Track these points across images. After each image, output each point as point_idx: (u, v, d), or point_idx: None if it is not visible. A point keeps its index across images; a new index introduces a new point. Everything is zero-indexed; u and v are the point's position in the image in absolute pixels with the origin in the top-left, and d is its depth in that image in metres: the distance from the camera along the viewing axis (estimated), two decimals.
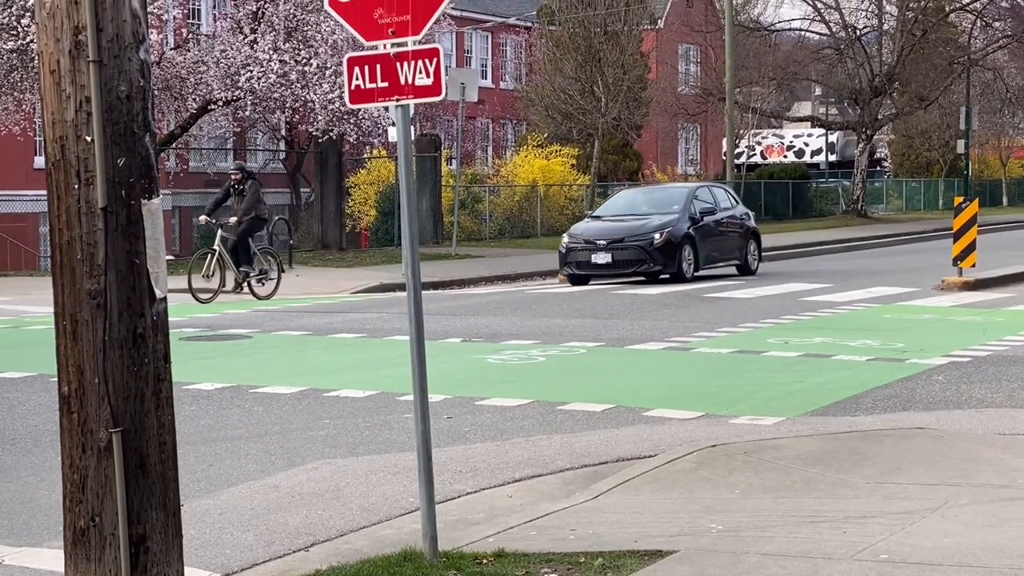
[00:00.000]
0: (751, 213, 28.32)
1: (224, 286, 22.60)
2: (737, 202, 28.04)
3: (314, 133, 33.33)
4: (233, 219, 23.06)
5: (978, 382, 12.59)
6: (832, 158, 71.45)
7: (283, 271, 24.20)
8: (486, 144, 57.74)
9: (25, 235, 36.74)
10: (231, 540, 7.47)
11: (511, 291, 24.40)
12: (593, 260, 24.84)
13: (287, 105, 32.57)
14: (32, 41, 26.74)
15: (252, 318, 19.13)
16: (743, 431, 10.23)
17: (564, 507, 7.79)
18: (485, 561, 6.63)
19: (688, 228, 25.24)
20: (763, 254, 34.03)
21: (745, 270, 26.92)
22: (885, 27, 55.22)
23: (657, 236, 24.66)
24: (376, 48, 6.96)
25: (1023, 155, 78.86)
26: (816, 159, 71.08)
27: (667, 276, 24.78)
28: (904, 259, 32.52)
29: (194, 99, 31.81)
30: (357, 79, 7.03)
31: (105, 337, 4.87)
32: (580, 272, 25.07)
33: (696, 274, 25.27)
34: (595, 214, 27.59)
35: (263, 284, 23.25)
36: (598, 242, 24.95)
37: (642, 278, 24.93)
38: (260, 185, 23.60)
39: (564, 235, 26.34)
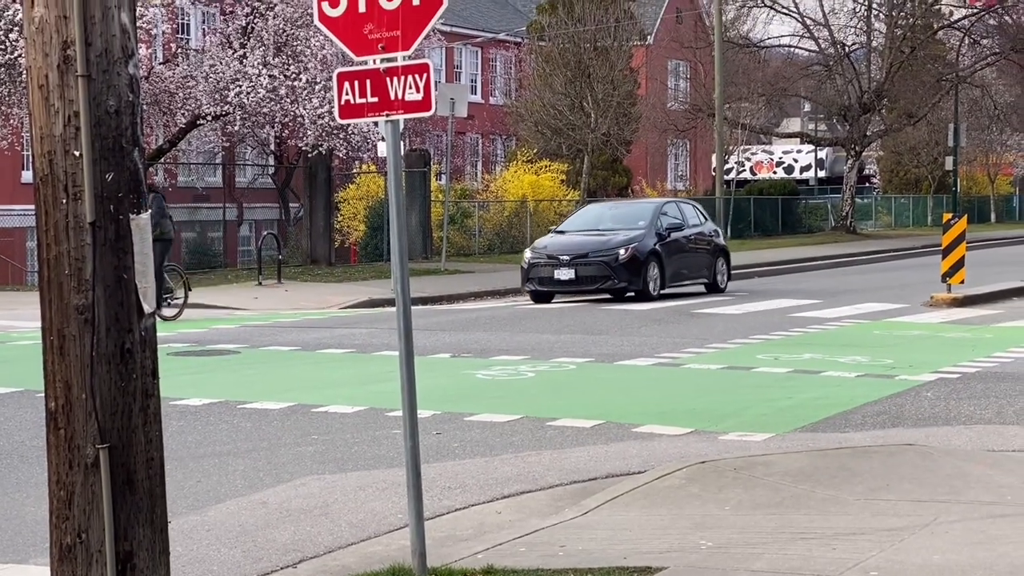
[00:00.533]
0: (720, 230, 27.87)
1: None
2: (706, 219, 27.54)
3: (303, 148, 33.31)
4: None
5: (967, 398, 12.59)
6: (821, 174, 71.60)
7: (189, 290, 22.45)
8: (476, 159, 57.77)
9: (13, 250, 36.66)
10: (218, 557, 7.44)
11: (500, 306, 24.38)
12: (556, 276, 24.25)
13: (276, 120, 32.55)
14: (20, 55, 26.71)
15: (240, 333, 19.09)
16: (733, 447, 10.22)
17: (553, 523, 7.77)
18: None
19: (654, 244, 24.69)
20: (754, 270, 34.11)
21: (713, 288, 26.31)
22: (874, 44, 55.38)
23: (622, 252, 24.15)
24: (366, 63, 6.95)
25: (1011, 172, 79.06)
26: (805, 175, 71.21)
27: (632, 294, 24.28)
28: (893, 275, 32.57)
29: (183, 114, 31.78)
30: (347, 94, 7.03)
31: (93, 352, 4.84)
32: (543, 288, 24.57)
33: (662, 292, 24.65)
34: (559, 229, 27.06)
35: (168, 305, 21.44)
36: (561, 257, 24.35)
37: (607, 295, 24.45)
38: (164, 200, 22.07)
39: (527, 250, 25.80)
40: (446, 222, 35.13)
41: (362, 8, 6.86)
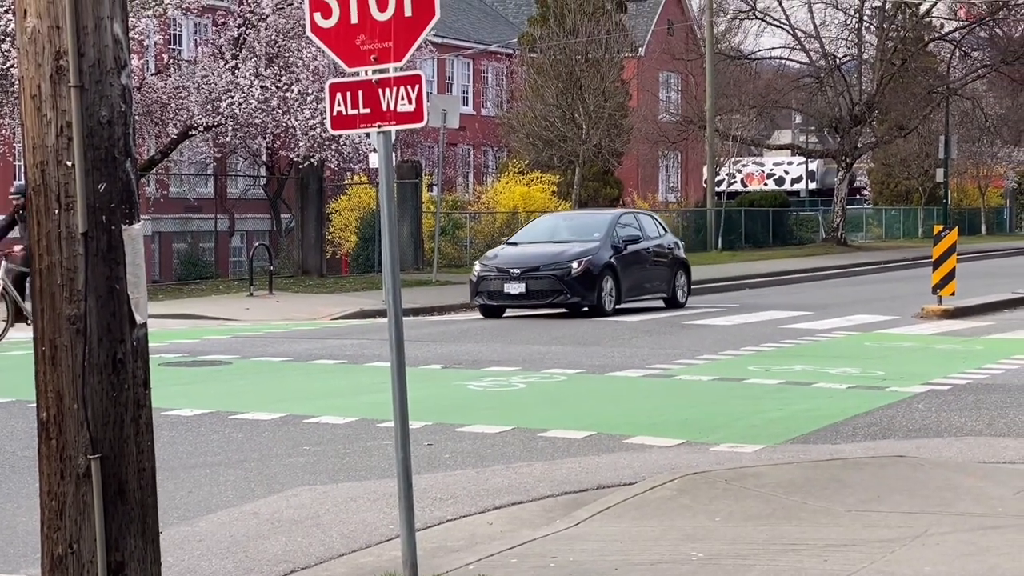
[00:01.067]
0: (680, 242, 26.90)
1: (12, 323, 19.91)
2: (665, 231, 26.67)
3: (295, 159, 33.31)
4: (19, 248, 20.37)
5: (958, 410, 12.61)
6: (812, 186, 71.72)
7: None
8: (467, 171, 57.80)
9: None
10: (210, 567, 7.43)
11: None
12: (506, 290, 23.29)
13: (268, 131, 32.55)
14: (13, 66, 26.70)
15: (232, 344, 19.08)
16: (724, 459, 10.23)
17: (545, 534, 7.77)
18: None
19: (610, 257, 23.68)
20: (745, 282, 34.11)
21: (673, 303, 25.39)
22: (865, 56, 55.50)
23: (575, 265, 23.14)
24: (358, 74, 6.96)
25: (1002, 184, 79.24)
26: (796, 187, 71.34)
27: (585, 309, 23.42)
28: (884, 287, 32.61)
29: (175, 124, 31.78)
30: (339, 105, 7.03)
31: (84, 363, 4.85)
32: (492, 303, 23.64)
33: (618, 307, 23.82)
34: (512, 240, 26.09)
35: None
36: (511, 270, 23.35)
37: (560, 309, 23.69)
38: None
39: (476, 262, 24.86)
40: (437, 233, 35.14)
41: (354, 19, 6.87)
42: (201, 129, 32.09)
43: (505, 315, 23.75)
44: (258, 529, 8.26)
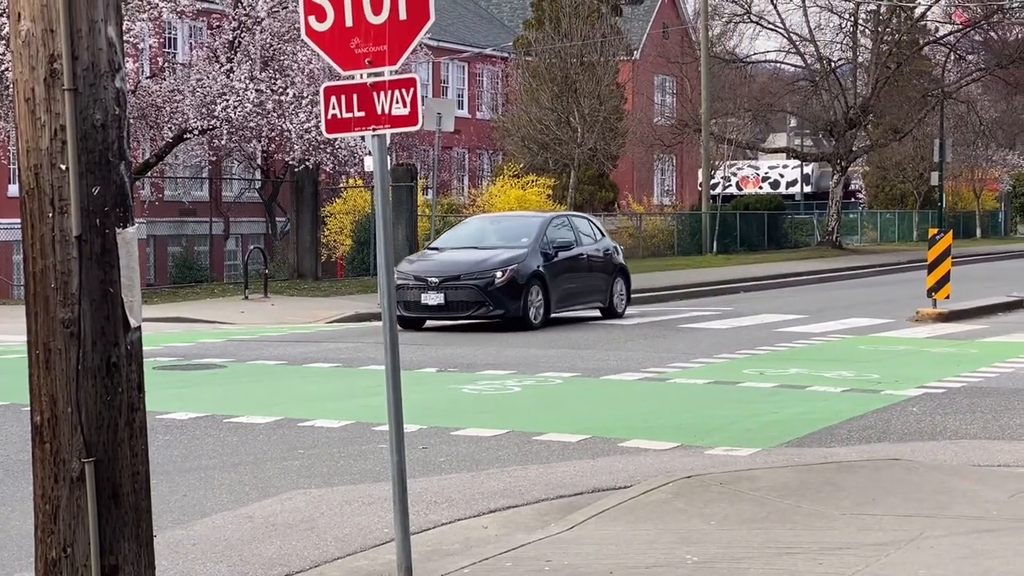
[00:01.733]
0: (620, 247, 25.36)
1: None
2: (603, 235, 25.03)
3: (290, 162, 33.29)
4: None
5: (952, 413, 12.62)
6: (807, 189, 71.78)
7: None
8: (462, 174, 57.80)
9: None
10: (204, 571, 7.42)
11: (486, 321, 24.39)
12: (423, 300, 21.51)
13: (263, 134, 32.53)
14: (7, 69, 26.68)
15: (227, 347, 19.06)
16: (718, 462, 10.23)
17: (539, 538, 7.77)
18: None
19: (538, 265, 22.02)
20: (740, 285, 34.09)
21: (610, 313, 23.81)
22: (860, 60, 55.56)
23: (499, 274, 21.42)
24: (353, 78, 6.96)
25: (996, 187, 79.32)
26: (791, 190, 71.38)
27: (512, 321, 21.71)
28: (879, 290, 32.64)
29: (170, 128, 31.76)
30: (334, 108, 7.03)
31: (78, 366, 4.84)
32: (409, 314, 21.70)
33: (549, 318, 22.22)
34: (434, 245, 24.35)
35: None
36: (430, 279, 21.59)
37: (483, 321, 22.01)
38: None
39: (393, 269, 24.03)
40: (433, 237, 35.11)
41: (349, 22, 6.87)
42: (196, 132, 32.07)
43: (425, 326, 22.17)
44: (253, 533, 8.25)
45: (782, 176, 72.69)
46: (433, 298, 21.47)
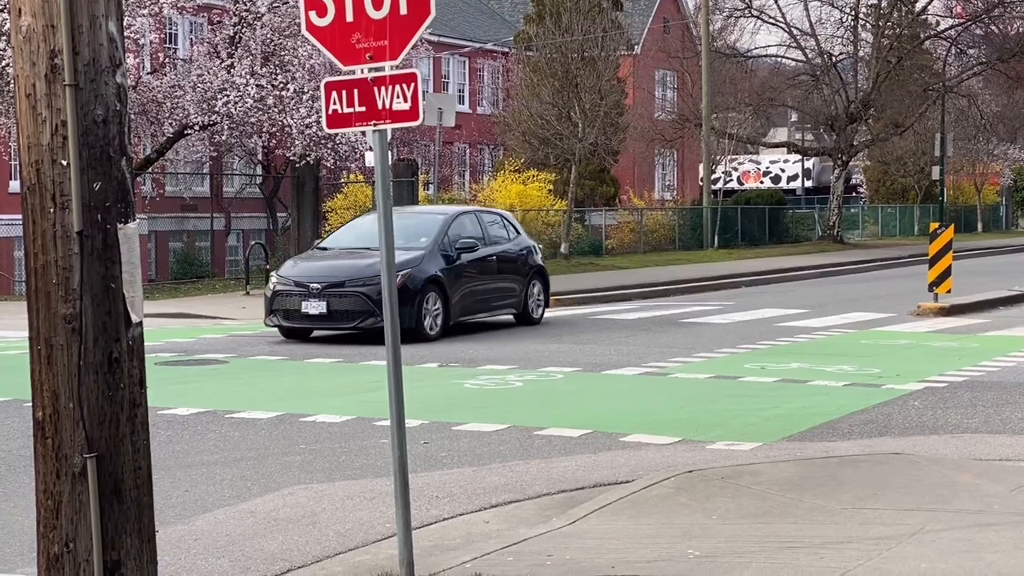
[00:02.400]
0: (537, 247, 23.05)
1: None
2: (518, 232, 22.71)
3: (291, 158, 33.28)
4: None
5: (954, 407, 12.62)
6: (808, 184, 71.72)
7: None
8: (463, 169, 57.78)
9: (0, 260, 36.60)
10: (206, 566, 7.43)
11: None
12: (304, 309, 19.13)
13: (264, 130, 32.51)
14: (8, 64, 26.68)
15: (228, 343, 19.07)
16: (720, 456, 10.24)
17: (541, 532, 7.77)
18: None
19: (438, 269, 19.76)
20: (741, 279, 34.08)
21: (525, 319, 21.81)
22: (860, 54, 55.50)
23: None
24: (354, 73, 6.96)
25: (998, 182, 79.28)
26: (792, 185, 71.33)
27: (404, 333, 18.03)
28: (880, 285, 32.63)
29: (171, 123, 31.75)
30: (334, 104, 7.03)
31: (80, 362, 4.84)
32: (288, 324, 19.45)
33: (450, 326, 19.85)
34: (322, 245, 21.78)
35: None
36: (311, 285, 19.17)
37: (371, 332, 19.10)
38: None
39: (273, 273, 20.74)
40: None
41: (349, 18, 6.87)
42: (197, 128, 32.06)
43: (313, 336, 20.00)
44: (254, 528, 8.26)
45: (783, 171, 72.64)
46: (314, 306, 19.09)
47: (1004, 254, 50.62)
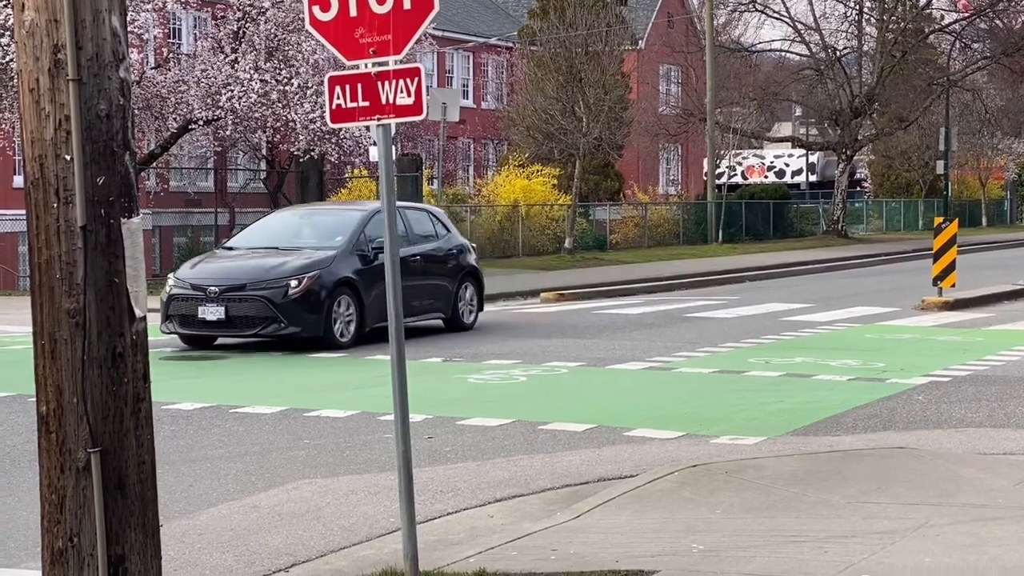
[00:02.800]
0: (471, 245, 21.41)
1: None
2: (448, 231, 20.90)
3: (295, 153, 33.28)
4: None
5: (958, 402, 12.62)
6: (812, 178, 71.66)
7: None
8: (467, 164, 57.77)
9: (4, 254, 36.62)
10: (210, 561, 7.44)
11: (492, 311, 24.36)
12: (201, 315, 17.31)
13: (268, 124, 32.54)
14: (11, 60, 26.69)
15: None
16: (724, 451, 10.23)
17: (545, 527, 7.78)
18: None
19: (351, 271, 18.04)
20: (746, 274, 34.03)
21: (455, 324, 19.99)
22: (865, 48, 55.46)
23: (293, 283, 17.28)
24: (357, 67, 6.95)
25: (1002, 176, 79.18)
26: (797, 179, 71.28)
27: (313, 341, 17.41)
28: (884, 279, 32.61)
29: (175, 118, 31.76)
30: (338, 98, 7.03)
31: (84, 356, 4.84)
32: (184, 331, 17.66)
33: (366, 333, 18.05)
34: (228, 244, 20.03)
35: None
36: (209, 289, 17.39)
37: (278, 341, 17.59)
38: None
39: (170, 275, 18.80)
40: None
41: (353, 12, 6.86)
42: (201, 123, 32.07)
43: (218, 343, 18.22)
44: (259, 522, 8.26)
45: (787, 165, 72.58)
46: (212, 312, 17.29)
47: (1008, 248, 50.58)
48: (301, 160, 33.85)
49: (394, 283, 6.97)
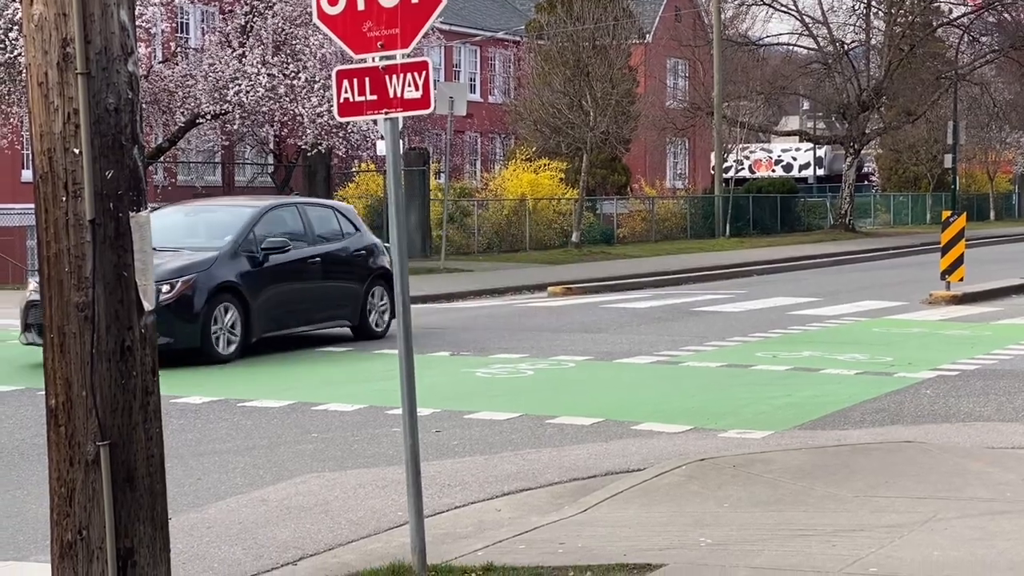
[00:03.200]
0: (381, 245, 18.96)
1: None
2: (357, 229, 18.81)
3: (302, 147, 33.30)
4: None
5: (966, 396, 12.61)
6: (820, 172, 71.56)
7: None
8: (475, 158, 57.77)
9: (13, 248, 36.66)
10: (219, 554, 7.45)
11: (499, 305, 24.37)
12: None
13: (275, 119, 32.54)
14: (20, 54, 26.71)
15: None
16: (732, 445, 10.23)
17: (553, 521, 7.78)
18: (474, 575, 6.62)
19: (234, 274, 16.27)
20: (753, 268, 34.01)
21: (365, 332, 18.06)
22: (873, 42, 55.34)
23: (165, 289, 15.24)
24: (365, 61, 6.96)
25: (1010, 169, 79.06)
26: (804, 173, 71.17)
27: (188, 352, 15.50)
28: (892, 273, 32.57)
29: (182, 113, 31.78)
30: (346, 92, 7.03)
31: (93, 350, 4.85)
32: (42, 341, 13.68)
33: (252, 343, 16.39)
34: None
35: None
36: None
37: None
38: None
39: (31, 279, 17.56)
40: (445, 221, 35.12)
41: (361, 6, 6.86)
42: (208, 117, 32.09)
43: None
44: (267, 516, 8.27)
45: (795, 159, 72.48)
46: None
47: (1017, 242, 50.50)
48: (308, 154, 33.85)
49: (402, 274, 6.97)
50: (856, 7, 55.35)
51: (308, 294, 17.36)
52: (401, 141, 9.04)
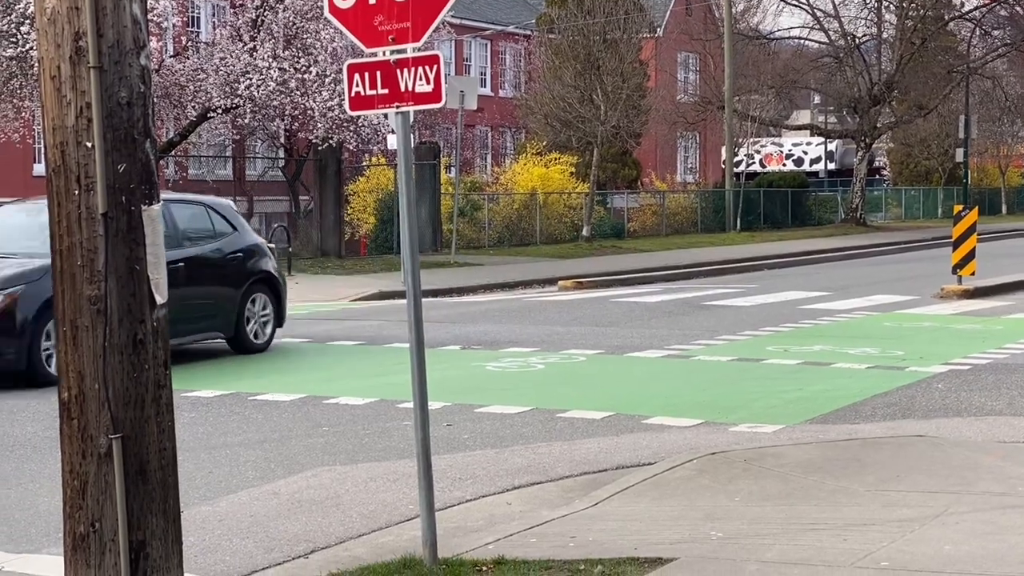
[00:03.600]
0: (266, 245, 17.24)
1: None
2: (235, 228, 16.46)
3: (313, 141, 33.31)
4: None
5: (978, 390, 12.59)
6: (831, 166, 71.50)
7: None
8: (485, 152, 57.75)
9: None
10: (231, 547, 7.46)
11: (510, 299, 24.38)
12: None
13: (286, 113, 32.54)
14: (32, 48, 26.75)
15: None
16: (743, 439, 10.23)
17: (564, 514, 7.78)
18: (485, 568, 6.63)
19: None
20: (764, 262, 33.95)
21: (241, 344, 16.00)
22: (884, 36, 55.24)
23: None
24: (376, 55, 6.96)
25: (1022, 164, 78.85)
26: (815, 167, 71.12)
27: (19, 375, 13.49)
28: (903, 267, 32.52)
29: (193, 107, 31.79)
30: (357, 86, 7.03)
31: (105, 343, 4.86)
32: None
33: None
34: None
35: None
36: None
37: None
38: None
39: None
40: (456, 215, 35.13)
41: (372, 0, 6.87)
42: (219, 111, 32.10)
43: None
44: (278, 509, 8.29)
45: (806, 153, 72.42)
46: None
47: None
48: (319, 148, 33.86)
49: (413, 267, 6.98)
50: (867, 1, 55.27)
51: (169, 304, 14.26)
52: (412, 135, 9.05)
